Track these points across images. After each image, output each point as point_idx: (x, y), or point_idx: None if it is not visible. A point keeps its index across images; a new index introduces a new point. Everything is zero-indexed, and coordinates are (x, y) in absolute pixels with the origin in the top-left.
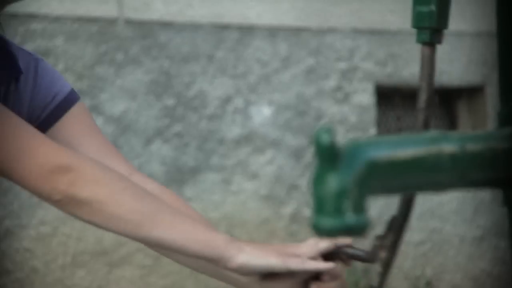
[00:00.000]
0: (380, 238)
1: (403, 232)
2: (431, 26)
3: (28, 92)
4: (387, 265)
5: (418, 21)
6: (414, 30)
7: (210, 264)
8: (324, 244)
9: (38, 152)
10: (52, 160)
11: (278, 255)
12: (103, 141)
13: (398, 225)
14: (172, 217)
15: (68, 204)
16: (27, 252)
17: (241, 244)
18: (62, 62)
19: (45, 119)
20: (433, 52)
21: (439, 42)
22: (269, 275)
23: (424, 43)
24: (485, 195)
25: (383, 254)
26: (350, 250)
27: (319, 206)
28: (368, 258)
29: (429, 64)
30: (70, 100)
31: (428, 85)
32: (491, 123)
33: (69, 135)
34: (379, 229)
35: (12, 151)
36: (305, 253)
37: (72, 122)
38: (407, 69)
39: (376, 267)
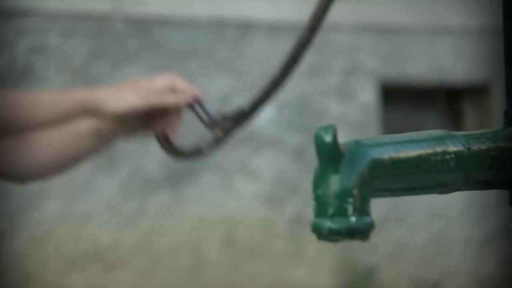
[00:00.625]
0: (224, 117)
1: (243, 125)
2: None
3: None
4: (217, 141)
5: None
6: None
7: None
8: (179, 83)
9: None
10: None
11: (138, 94)
12: None
13: (242, 118)
14: (32, 97)
15: None
16: (21, 255)
17: (100, 90)
18: (56, 59)
19: None
20: (330, 5)
21: None
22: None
23: None
24: (491, 196)
25: (218, 131)
26: (199, 107)
27: (321, 208)
28: (206, 124)
29: (323, 11)
30: None
31: (312, 28)
32: (497, 122)
33: None
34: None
35: None
36: (161, 86)
37: None
38: (412, 66)
39: None
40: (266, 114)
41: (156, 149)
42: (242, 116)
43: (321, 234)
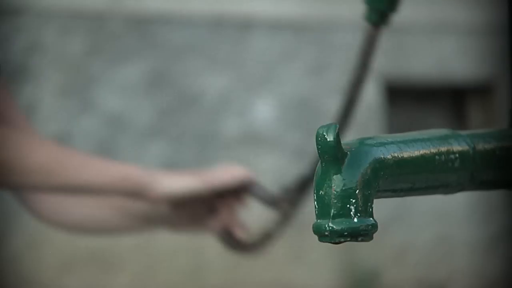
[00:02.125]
0: (286, 190)
1: (308, 191)
2: (380, 8)
3: None
4: (286, 217)
5: (370, 0)
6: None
7: (121, 208)
8: (237, 173)
9: None
10: None
11: (197, 177)
12: (18, 115)
13: (305, 184)
14: (81, 159)
15: None
16: (18, 257)
17: (155, 172)
18: (53, 57)
19: None
20: (377, 34)
21: (386, 24)
22: (181, 202)
23: (371, 23)
24: (496, 197)
25: (285, 205)
26: (258, 189)
27: (323, 208)
28: (270, 204)
29: (371, 44)
30: None
31: (364, 63)
32: (502, 121)
33: None
34: (385, 231)
35: None
36: (219, 176)
37: None
38: (417, 65)
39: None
40: (267, 114)
41: (156, 149)
42: (304, 182)
43: (323, 235)
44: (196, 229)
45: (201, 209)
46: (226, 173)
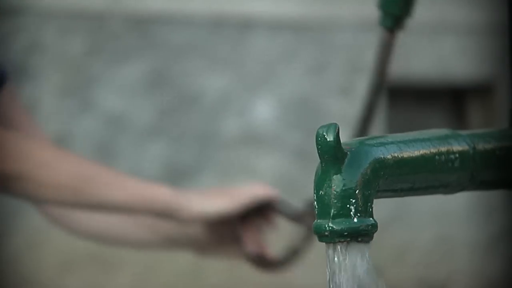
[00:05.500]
0: (310, 204)
1: None
2: (395, 13)
3: None
4: (311, 231)
5: (384, 5)
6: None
7: (151, 228)
8: (262, 190)
9: None
10: None
11: (226, 197)
12: (31, 125)
13: None
14: (112, 176)
15: (1, 181)
16: (17, 258)
17: (185, 192)
18: (53, 57)
19: None
20: (393, 39)
21: (401, 28)
22: (211, 223)
23: (386, 28)
24: (497, 197)
25: (310, 220)
26: (282, 205)
27: (322, 209)
28: (295, 219)
29: (387, 50)
30: None
31: (381, 71)
32: (502, 121)
33: None
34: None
35: None
36: (246, 194)
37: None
38: (416, 64)
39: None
40: (267, 114)
41: (156, 149)
42: None
43: (323, 235)
44: (223, 252)
45: (229, 231)
46: (251, 190)
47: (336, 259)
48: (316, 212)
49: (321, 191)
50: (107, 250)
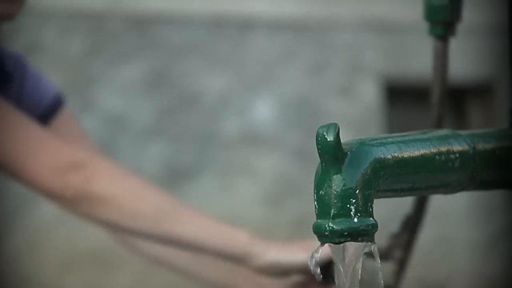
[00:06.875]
0: (395, 236)
1: (418, 231)
2: (443, 20)
3: (14, 97)
4: (402, 264)
5: (431, 14)
6: (425, 24)
7: (221, 270)
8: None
9: (50, 149)
10: (66, 156)
11: (302, 250)
12: (93, 146)
13: (413, 224)
14: (192, 212)
15: (83, 202)
16: (17, 257)
17: (265, 241)
18: (52, 57)
19: None
20: (446, 46)
21: (453, 35)
22: (281, 276)
23: (437, 37)
24: (496, 197)
25: (398, 253)
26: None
27: (323, 209)
28: (383, 257)
29: (442, 59)
30: (54, 106)
31: (442, 80)
32: (502, 121)
33: None
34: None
35: (23, 149)
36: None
37: (58, 129)
38: (416, 64)
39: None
40: (267, 114)
41: (156, 149)
42: (411, 222)
43: (323, 235)
44: None
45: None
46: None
47: (336, 259)
48: (316, 212)
49: (321, 191)
50: (107, 250)
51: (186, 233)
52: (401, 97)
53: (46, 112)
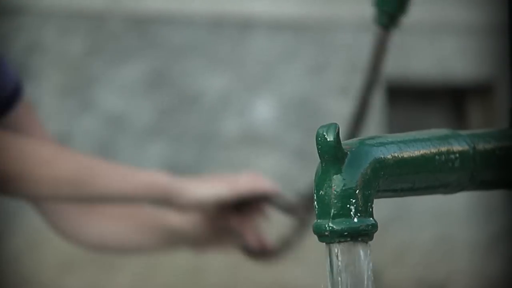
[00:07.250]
0: (301, 196)
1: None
2: (390, 11)
3: None
4: (303, 224)
5: (379, 2)
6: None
7: (153, 219)
8: (261, 182)
9: None
10: None
11: (224, 183)
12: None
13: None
14: (111, 168)
15: (3, 183)
16: (15, 259)
17: (183, 179)
18: (52, 57)
19: None
20: (387, 36)
21: (396, 27)
22: (208, 210)
23: (381, 25)
24: (496, 197)
25: (302, 212)
26: (278, 198)
27: (323, 209)
28: (288, 212)
29: (381, 47)
30: (14, 98)
31: (375, 69)
32: (502, 121)
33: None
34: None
35: None
36: (245, 183)
37: (18, 122)
38: (416, 64)
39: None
40: (267, 114)
41: (156, 149)
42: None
43: (323, 235)
44: (219, 245)
45: (224, 222)
46: (251, 180)
47: (336, 259)
48: (316, 212)
49: (321, 191)
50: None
51: (107, 188)
52: (401, 97)
53: (5, 104)
